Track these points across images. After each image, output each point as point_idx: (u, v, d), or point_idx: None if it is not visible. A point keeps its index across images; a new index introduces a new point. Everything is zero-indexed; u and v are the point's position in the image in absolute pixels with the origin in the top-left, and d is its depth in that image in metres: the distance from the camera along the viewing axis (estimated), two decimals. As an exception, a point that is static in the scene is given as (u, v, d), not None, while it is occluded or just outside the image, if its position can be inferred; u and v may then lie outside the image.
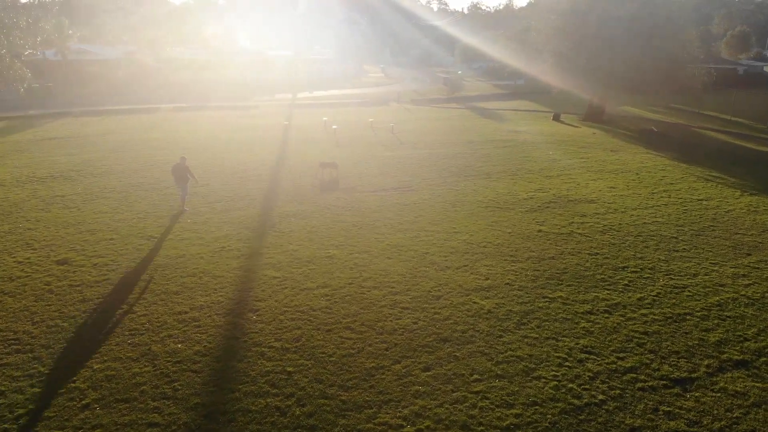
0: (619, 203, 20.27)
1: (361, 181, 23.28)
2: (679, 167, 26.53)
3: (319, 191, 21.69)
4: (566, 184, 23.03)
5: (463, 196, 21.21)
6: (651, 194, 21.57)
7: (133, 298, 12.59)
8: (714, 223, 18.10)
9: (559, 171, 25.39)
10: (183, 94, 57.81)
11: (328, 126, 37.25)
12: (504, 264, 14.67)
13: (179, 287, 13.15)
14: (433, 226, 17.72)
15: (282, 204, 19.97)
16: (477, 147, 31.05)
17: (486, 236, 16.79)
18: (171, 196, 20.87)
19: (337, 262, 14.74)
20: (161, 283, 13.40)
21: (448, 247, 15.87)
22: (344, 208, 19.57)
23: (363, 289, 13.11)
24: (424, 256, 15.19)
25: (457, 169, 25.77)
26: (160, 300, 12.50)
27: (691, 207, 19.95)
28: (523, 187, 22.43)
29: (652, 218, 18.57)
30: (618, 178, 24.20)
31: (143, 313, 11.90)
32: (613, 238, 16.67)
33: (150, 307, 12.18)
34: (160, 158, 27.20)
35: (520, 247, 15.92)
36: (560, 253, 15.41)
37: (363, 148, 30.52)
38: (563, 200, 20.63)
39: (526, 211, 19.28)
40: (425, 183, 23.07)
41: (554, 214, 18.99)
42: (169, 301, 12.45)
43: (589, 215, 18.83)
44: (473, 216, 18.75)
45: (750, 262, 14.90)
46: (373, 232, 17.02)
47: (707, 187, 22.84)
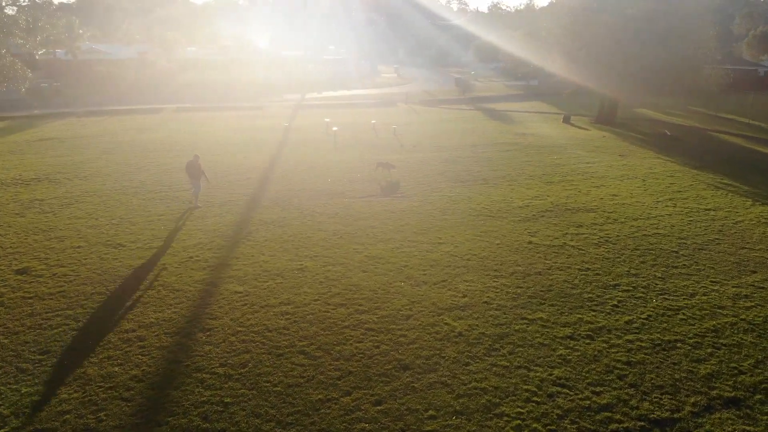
0: (620, 212, 19.11)
1: (351, 186, 22.40)
2: (689, 173, 25.21)
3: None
4: (567, 191, 21.90)
5: (455, 203, 20.21)
6: (655, 203, 20.36)
7: (82, 313, 11.84)
8: (720, 236, 16.87)
9: (561, 177, 24.25)
10: (191, 94, 57.46)
11: (329, 127, 36.40)
12: (486, 279, 13.66)
13: (133, 301, 12.37)
14: (417, 235, 16.76)
15: (264, 210, 19.16)
16: (479, 150, 29.99)
17: (471, 248, 15.79)
18: (151, 200, 20.22)
19: (307, 275, 13.86)
20: (117, 296, 12.64)
21: (430, 259, 14.90)
22: (328, 215, 18.70)
23: (328, 306, 12.21)
24: (402, 269, 14.24)
25: (455, 173, 24.76)
26: (110, 316, 11.73)
27: (696, 217, 18.72)
28: (521, 194, 21.35)
29: (653, 230, 17.40)
30: (622, 184, 22.99)
31: (89, 330, 11.13)
32: (608, 251, 15.55)
33: (97, 323, 11.42)
34: (151, 161, 26.59)
35: (507, 260, 14.89)
36: (548, 268, 14.35)
37: (360, 150, 29.63)
38: (560, 209, 19.52)
39: (519, 221, 18.22)
40: (418, 188, 22.11)
41: (548, 224, 17.91)
42: (119, 317, 11.67)
43: (586, 226, 17.71)
44: (462, 225, 17.75)
45: (754, 280, 13.71)
46: (353, 242, 16.12)
47: (717, 195, 21.54)
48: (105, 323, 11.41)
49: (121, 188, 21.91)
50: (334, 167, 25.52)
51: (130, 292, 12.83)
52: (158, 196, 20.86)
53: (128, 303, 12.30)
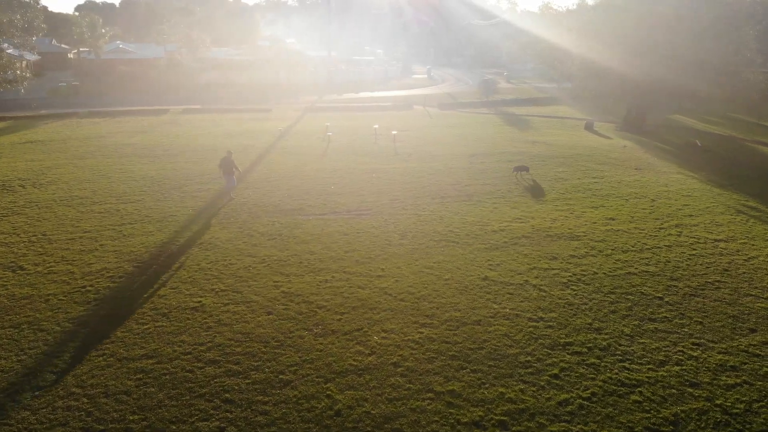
0: (609, 242, 16.22)
1: (316, 200, 20.17)
2: (710, 193, 21.92)
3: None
4: (557, 212, 19.08)
5: (422, 223, 17.72)
6: (657, 230, 17.35)
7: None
8: (722, 278, 13.85)
9: (558, 194, 21.38)
10: (208, 95, 56.49)
11: (326, 133, 34.31)
12: (410, 329, 11.19)
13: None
14: (357, 266, 14.38)
15: (201, 228, 17.13)
16: (478, 160, 27.28)
17: (413, 283, 13.31)
18: (89, 213, 18.59)
19: (198, 316, 11.69)
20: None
21: (356, 298, 12.51)
22: (269, 236, 16.51)
23: (197, 363, 10.02)
24: (316, 312, 11.90)
25: (438, 187, 22.22)
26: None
27: (701, 250, 15.66)
28: (501, 215, 18.67)
29: (641, 266, 14.50)
30: (626, 206, 19.98)
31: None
32: (575, 294, 12.81)
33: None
34: (119, 168, 25.03)
35: (447, 302, 12.36)
36: (492, 315, 11.75)
37: (348, 158, 27.38)
38: (540, 235, 16.77)
39: (485, 249, 15.60)
40: (389, 205, 19.71)
41: (517, 254, 15.22)
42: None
43: (561, 258, 14.94)
44: (415, 253, 15.27)
45: (750, 344, 10.77)
46: (278, 272, 13.87)
47: (735, 222, 18.33)
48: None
49: (68, 198, 20.30)
50: (311, 177, 23.37)
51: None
52: (100, 208, 19.15)
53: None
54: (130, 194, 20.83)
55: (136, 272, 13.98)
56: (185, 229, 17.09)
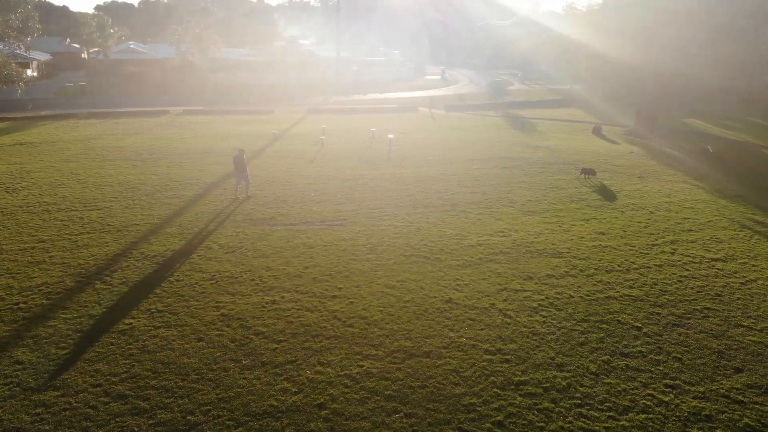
0: (593, 260, 14.89)
1: (290, 209, 19.16)
2: (715, 205, 20.39)
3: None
4: (543, 224, 17.77)
5: (397, 236, 16.58)
6: (649, 247, 15.96)
7: None
8: (713, 304, 12.46)
9: (549, 204, 20.06)
10: (214, 96, 55.99)
11: (325, 135, 33.33)
12: (349, 362, 10.08)
13: None
14: (315, 284, 13.30)
15: (158, 239, 16.19)
16: (473, 166, 26.01)
17: (369, 305, 12.19)
18: (50, 221, 17.80)
19: (121, 342, 10.72)
20: None
21: (299, 324, 11.42)
22: (229, 248, 15.51)
23: (101, 401, 9.01)
24: (250, 340, 10.85)
25: (424, 195, 21.05)
26: None
27: (695, 271, 14.26)
28: (482, 228, 17.43)
29: (624, 289, 13.17)
30: (620, 218, 18.58)
31: None
32: (544, 321, 11.55)
33: None
34: (99, 171, 24.34)
35: (400, 329, 11.21)
36: (445, 346, 10.57)
37: (338, 163, 26.33)
38: (519, 251, 15.51)
39: (456, 266, 14.40)
40: (367, 215, 18.62)
41: (490, 273, 13.99)
42: None
43: (537, 278, 13.67)
44: (381, 270, 14.14)
45: (733, 387, 9.42)
46: (224, 292, 12.84)
47: (737, 238, 16.84)
48: None
49: (35, 204, 19.58)
50: (293, 184, 22.39)
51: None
52: (64, 215, 18.40)
53: None
54: (99, 201, 20.04)
55: (75, 288, 13.07)
56: (143, 240, 16.17)
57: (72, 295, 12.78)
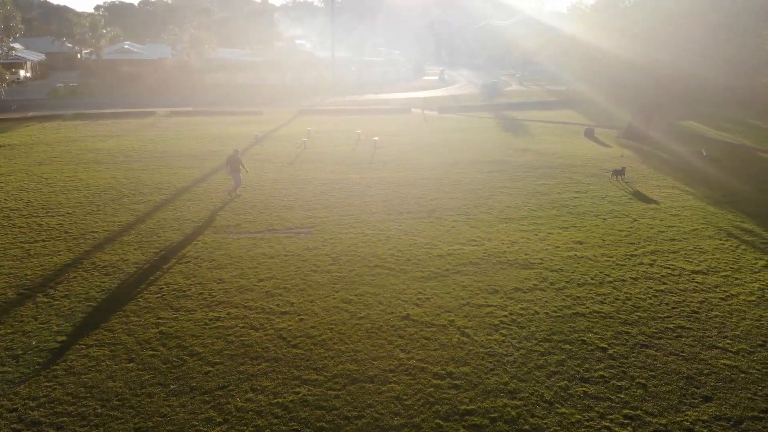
0: (566, 272, 14.11)
1: (258, 216, 18.46)
2: (703, 212, 19.56)
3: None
4: (519, 233, 16.99)
5: (364, 245, 15.85)
6: (627, 258, 15.15)
7: None
8: (688, 322, 11.66)
9: (528, 211, 19.27)
10: (207, 96, 55.37)
11: (309, 137, 32.63)
12: (285, 388, 9.39)
13: None
14: (265, 299, 12.59)
15: (116, 249, 15.52)
16: (456, 170, 25.24)
17: (319, 323, 11.47)
18: (14, 227, 17.16)
19: (48, 363, 10.00)
20: None
21: (240, 344, 10.71)
22: (185, 258, 14.84)
23: (14, 428, 8.28)
24: (184, 362, 10.16)
25: (401, 201, 20.32)
26: None
27: (672, 285, 13.45)
28: (456, 236, 16.67)
29: (594, 304, 12.39)
30: (601, 226, 17.78)
31: None
32: (502, 341, 10.79)
33: None
34: (73, 175, 23.76)
35: (347, 350, 10.48)
36: (393, 369, 9.83)
37: (317, 167, 25.63)
38: (489, 261, 14.74)
39: (421, 278, 13.65)
40: (337, 222, 17.90)
41: (455, 285, 13.23)
42: None
43: (503, 292, 12.90)
44: (339, 282, 13.41)
45: (699, 419, 8.64)
46: (168, 307, 12.14)
47: (722, 248, 16.01)
48: None
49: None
50: (266, 188, 21.75)
51: None
52: (23, 222, 17.84)
53: None
54: (63, 206, 19.40)
55: (15, 301, 12.41)
56: (97, 249, 15.48)
57: (10, 308, 12.12)
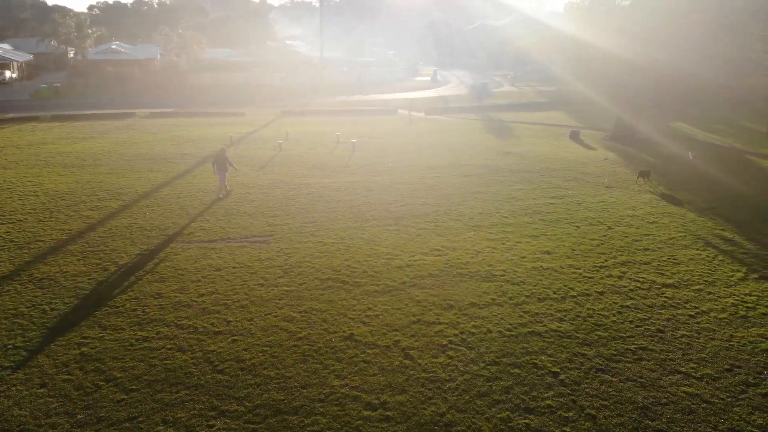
0: (528, 285, 13.28)
1: (216, 223, 17.64)
2: (682, 219, 18.74)
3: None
4: (486, 242, 16.17)
5: (318, 256, 15.04)
6: (595, 269, 14.34)
7: None
8: (652, 343, 10.84)
9: (499, 218, 18.46)
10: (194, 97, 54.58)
11: (287, 139, 31.85)
12: (199, 421, 8.58)
13: None
14: (201, 316, 11.78)
15: (60, 259, 14.72)
16: (432, 174, 24.42)
17: (252, 345, 10.66)
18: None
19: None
20: None
21: (162, 368, 9.89)
22: (128, 269, 14.03)
23: None
24: (97, 388, 9.40)
25: (369, 207, 19.53)
26: None
27: (640, 300, 12.63)
28: (419, 245, 15.86)
29: (553, 322, 11.58)
30: (573, 234, 16.96)
31: None
32: (448, 365, 9.98)
33: None
34: (36, 180, 22.96)
35: (277, 376, 9.69)
36: (322, 398, 9.01)
37: (289, 171, 24.83)
38: (450, 273, 13.93)
39: (374, 293, 12.84)
40: (298, 229, 17.11)
41: (408, 300, 12.42)
42: None
43: (457, 308, 12.08)
44: (285, 297, 12.61)
45: (647, 458, 7.79)
46: (97, 325, 11.33)
47: (697, 259, 15.19)
48: None
49: (-58, 217, 18.05)
50: (230, 193, 20.85)
51: None
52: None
53: None
54: (17, 213, 18.62)
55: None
56: (38, 260, 14.67)
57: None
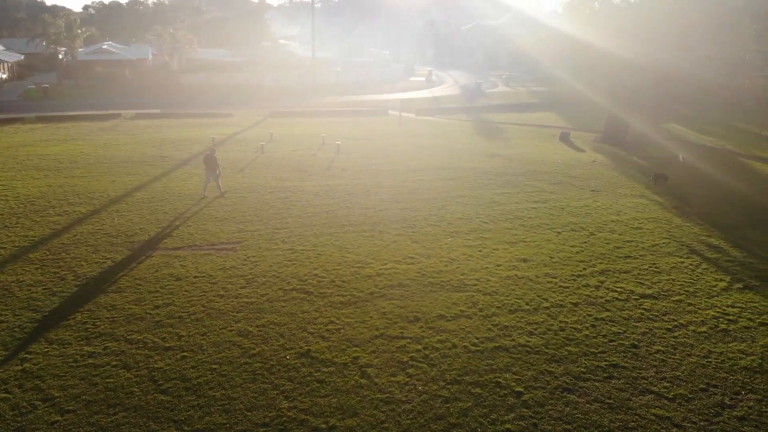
0: (500, 296, 12.72)
1: (185, 229, 17.09)
2: (668, 224, 18.18)
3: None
4: (462, 248, 15.61)
5: (286, 265, 14.48)
6: (572, 278, 13.77)
7: None
8: (624, 359, 10.27)
9: (478, 224, 17.89)
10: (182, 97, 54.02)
11: (272, 141, 31.29)
12: (134, 445, 7.89)
13: None
14: (154, 330, 11.21)
15: (18, 267, 14.21)
16: (415, 177, 23.86)
17: (200, 363, 10.11)
18: None
19: None
20: None
21: (103, 387, 9.32)
22: (82, 279, 13.42)
23: None
24: (32, 408, 8.86)
25: (347, 212, 18.98)
26: None
27: (616, 313, 12.07)
28: (393, 252, 15.31)
29: (522, 336, 11.02)
30: (553, 241, 16.39)
31: None
32: (405, 384, 9.40)
33: None
34: (7, 184, 22.37)
35: (223, 397, 9.11)
36: (265, 424, 8.47)
37: (269, 174, 24.26)
38: (420, 283, 13.37)
39: (339, 304, 12.29)
40: (269, 236, 16.55)
41: (374, 312, 11.85)
42: None
43: (423, 321, 11.51)
44: (246, 309, 12.04)
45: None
46: (44, 339, 10.77)
47: (680, 267, 14.62)
48: None
49: None
50: (203, 197, 20.28)
51: None
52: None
53: None
54: (-25, 218, 17.94)
55: None
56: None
57: None
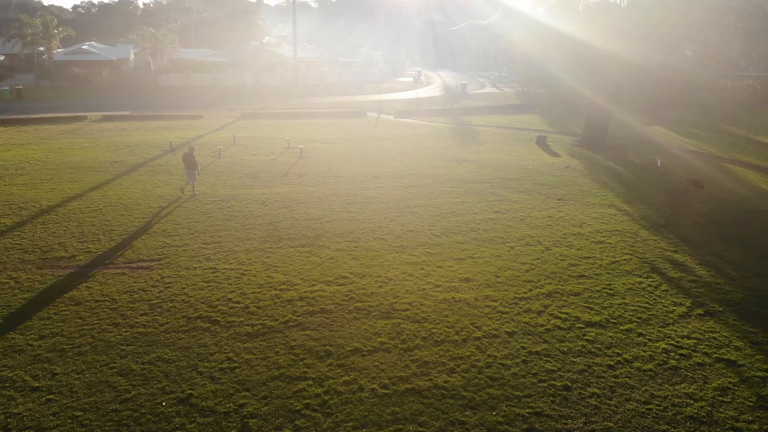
0: (431, 323, 11.38)
1: (107, 243, 15.77)
2: (633, 238, 16.83)
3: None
4: (402, 266, 14.27)
5: (200, 287, 13.12)
6: (514, 302, 12.42)
7: None
8: (551, 406, 8.95)
9: (428, 237, 16.55)
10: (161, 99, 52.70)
11: (234, 144, 29.99)
12: None
13: None
14: (25, 368, 9.89)
15: None
16: (374, 185, 22.55)
17: (64, 408, 8.86)
18: None
19: None
20: None
21: (-63, 441, 7.87)
22: (-31, 306, 11.98)
23: None
24: None
25: (289, 223, 17.67)
26: None
27: (554, 344, 10.70)
28: (326, 272, 13.97)
29: (441, 375, 9.69)
30: (503, 257, 15.03)
31: None
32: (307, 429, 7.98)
33: None
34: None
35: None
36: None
37: (219, 180, 22.99)
38: (345, 309, 12.03)
39: (244, 337, 10.96)
40: (196, 252, 15.26)
41: (280, 347, 10.51)
42: None
43: (336, 356, 10.18)
44: (136, 342, 10.74)
45: None
46: None
47: (637, 288, 13.28)
48: None
49: None
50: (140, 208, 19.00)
51: None
52: None
53: None
54: None
55: None
56: None
57: None
